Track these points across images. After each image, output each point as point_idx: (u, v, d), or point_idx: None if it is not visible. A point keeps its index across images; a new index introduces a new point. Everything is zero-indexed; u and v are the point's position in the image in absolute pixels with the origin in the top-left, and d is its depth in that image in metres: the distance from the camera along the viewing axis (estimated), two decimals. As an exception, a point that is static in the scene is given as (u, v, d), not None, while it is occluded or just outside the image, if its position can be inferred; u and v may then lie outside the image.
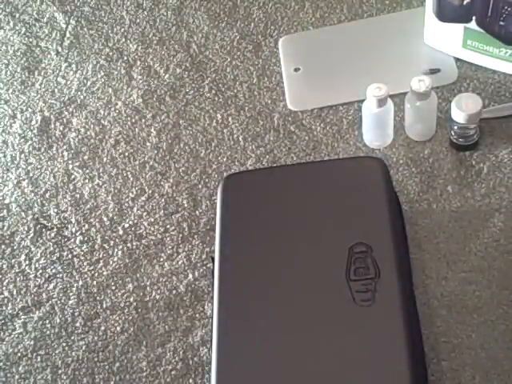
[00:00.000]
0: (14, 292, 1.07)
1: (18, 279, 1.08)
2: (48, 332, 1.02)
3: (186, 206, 1.11)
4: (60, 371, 0.99)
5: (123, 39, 1.33)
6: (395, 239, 0.91)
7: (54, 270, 1.08)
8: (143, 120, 1.22)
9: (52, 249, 1.10)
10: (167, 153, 1.17)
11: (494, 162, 1.07)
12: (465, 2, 1.09)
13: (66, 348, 1.00)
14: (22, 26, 1.39)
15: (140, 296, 1.03)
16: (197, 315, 1.00)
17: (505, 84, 1.15)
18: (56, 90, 1.28)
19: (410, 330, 0.84)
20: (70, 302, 1.04)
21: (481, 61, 1.16)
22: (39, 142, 1.22)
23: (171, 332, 1.00)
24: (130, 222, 1.10)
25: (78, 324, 1.02)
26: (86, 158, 1.19)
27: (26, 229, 1.12)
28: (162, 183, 1.14)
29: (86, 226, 1.11)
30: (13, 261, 1.09)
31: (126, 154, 1.18)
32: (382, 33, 1.25)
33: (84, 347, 1.00)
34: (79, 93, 1.27)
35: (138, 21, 1.35)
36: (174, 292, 1.03)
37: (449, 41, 1.16)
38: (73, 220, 1.12)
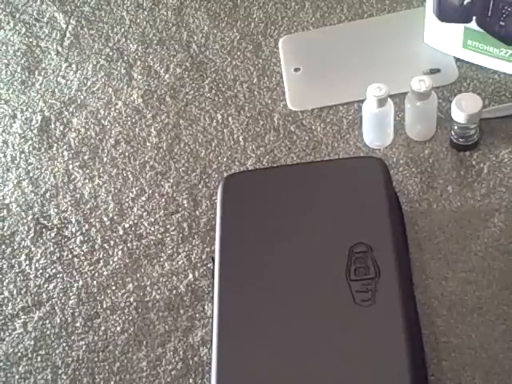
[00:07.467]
0: (14, 292, 1.07)
1: (18, 279, 1.08)
2: (48, 332, 1.02)
3: (186, 205, 1.11)
4: (60, 371, 0.99)
5: (123, 39, 1.33)
6: (395, 239, 0.91)
7: (54, 270, 1.08)
8: (143, 120, 1.22)
9: (52, 249, 1.10)
10: (167, 153, 1.17)
11: (494, 161, 1.07)
12: (465, 2, 1.09)
13: (66, 348, 1.00)
14: (22, 26, 1.39)
15: (140, 296, 1.03)
16: (197, 315, 1.00)
17: (505, 84, 1.15)
18: (56, 90, 1.28)
19: (410, 330, 0.84)
20: (70, 301, 1.04)
21: (481, 61, 1.16)
22: (39, 142, 1.22)
23: (171, 332, 1.00)
24: (130, 222, 1.10)
25: (78, 324, 1.02)
26: (86, 157, 1.19)
27: (26, 229, 1.12)
28: (162, 183, 1.14)
29: (86, 226, 1.11)
30: (13, 261, 1.09)
31: (126, 153, 1.18)
32: (382, 33, 1.25)
33: (84, 347, 1.00)
34: (79, 93, 1.27)
35: (138, 21, 1.35)
36: (174, 292, 1.03)
37: (449, 41, 1.16)
38: (73, 220, 1.12)
